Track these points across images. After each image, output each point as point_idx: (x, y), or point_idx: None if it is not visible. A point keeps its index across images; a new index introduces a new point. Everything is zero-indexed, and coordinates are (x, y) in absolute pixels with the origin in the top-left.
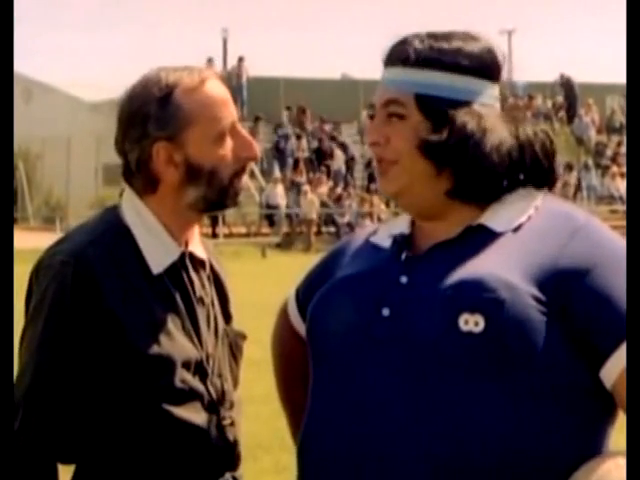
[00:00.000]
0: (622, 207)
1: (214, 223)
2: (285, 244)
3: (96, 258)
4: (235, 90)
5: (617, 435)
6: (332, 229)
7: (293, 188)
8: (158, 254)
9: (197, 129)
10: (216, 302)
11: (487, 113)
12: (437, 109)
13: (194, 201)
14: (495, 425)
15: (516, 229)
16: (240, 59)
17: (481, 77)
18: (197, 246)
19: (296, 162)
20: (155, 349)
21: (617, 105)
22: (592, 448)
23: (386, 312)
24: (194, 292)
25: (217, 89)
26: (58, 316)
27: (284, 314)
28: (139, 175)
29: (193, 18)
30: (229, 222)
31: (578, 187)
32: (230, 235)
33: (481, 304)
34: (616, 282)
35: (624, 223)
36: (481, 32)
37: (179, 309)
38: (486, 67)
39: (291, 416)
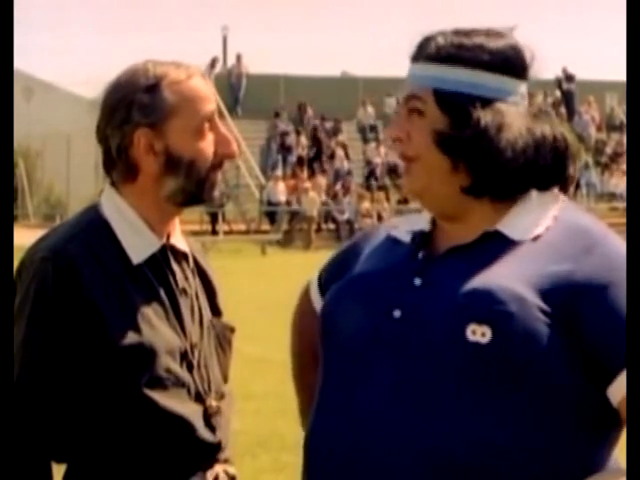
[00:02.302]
0: (622, 204)
1: (214, 220)
2: (285, 241)
3: (76, 253)
4: (234, 87)
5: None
6: (332, 226)
7: (293, 185)
8: (137, 245)
9: (179, 120)
10: (201, 295)
11: (506, 110)
12: (454, 104)
13: (172, 193)
14: (493, 437)
15: (533, 239)
16: (238, 57)
17: (503, 74)
18: (179, 239)
19: (298, 160)
20: (136, 339)
21: (617, 103)
22: (593, 464)
23: (397, 314)
24: (176, 283)
25: (201, 85)
26: (41, 312)
27: (306, 295)
28: (119, 162)
29: (193, 16)
30: (229, 219)
31: (577, 185)
32: (230, 232)
33: (490, 315)
34: None
35: (624, 220)
36: (505, 30)
37: (161, 300)
38: (509, 64)
39: (302, 397)
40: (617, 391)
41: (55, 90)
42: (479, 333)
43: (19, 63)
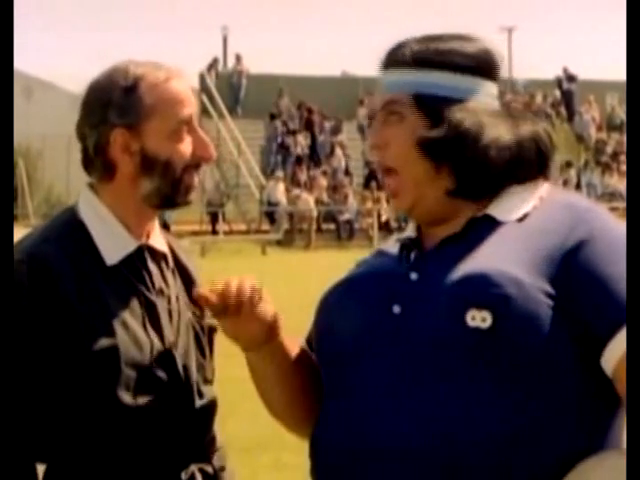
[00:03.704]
0: (622, 204)
1: (214, 220)
2: (285, 241)
3: (50, 254)
4: (235, 87)
5: None
6: (332, 226)
7: (292, 186)
8: (112, 246)
9: (155, 122)
10: (182, 295)
11: (484, 110)
12: (434, 107)
13: (148, 193)
14: (497, 422)
15: (521, 219)
16: (238, 57)
17: (478, 75)
18: (157, 239)
19: (297, 160)
20: (110, 340)
21: (617, 102)
22: (595, 447)
23: (397, 309)
24: (153, 284)
25: (180, 87)
26: (16, 315)
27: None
28: (97, 161)
29: (193, 16)
30: (229, 219)
31: (578, 185)
32: (230, 232)
33: (489, 300)
34: (615, 266)
35: (624, 221)
36: (478, 32)
37: (137, 300)
38: (483, 65)
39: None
40: (609, 359)
41: (55, 90)
42: (479, 318)
43: (18, 63)
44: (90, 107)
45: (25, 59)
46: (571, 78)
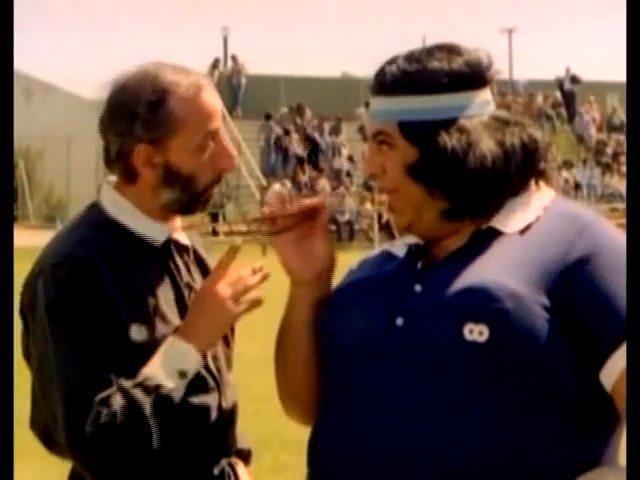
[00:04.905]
0: (623, 205)
1: (214, 221)
2: None
3: (88, 256)
4: (234, 88)
5: None
6: (332, 227)
7: (294, 187)
8: (153, 229)
9: (182, 137)
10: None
11: (472, 125)
12: (421, 134)
13: (168, 202)
14: (494, 434)
15: (524, 230)
16: (233, 57)
17: (463, 90)
18: (179, 233)
19: (300, 160)
20: (152, 334)
21: (618, 103)
22: (594, 458)
23: (400, 322)
24: (181, 278)
25: (210, 99)
26: (62, 314)
27: None
28: (119, 164)
29: (193, 16)
30: (229, 220)
31: (578, 185)
32: (230, 233)
33: (485, 314)
34: (618, 281)
35: (624, 221)
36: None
37: (171, 294)
38: (467, 79)
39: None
40: (609, 374)
41: (55, 90)
42: (476, 332)
43: (19, 64)
44: (115, 113)
45: (25, 60)
46: (574, 79)
